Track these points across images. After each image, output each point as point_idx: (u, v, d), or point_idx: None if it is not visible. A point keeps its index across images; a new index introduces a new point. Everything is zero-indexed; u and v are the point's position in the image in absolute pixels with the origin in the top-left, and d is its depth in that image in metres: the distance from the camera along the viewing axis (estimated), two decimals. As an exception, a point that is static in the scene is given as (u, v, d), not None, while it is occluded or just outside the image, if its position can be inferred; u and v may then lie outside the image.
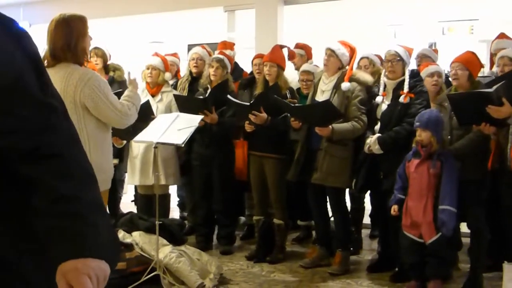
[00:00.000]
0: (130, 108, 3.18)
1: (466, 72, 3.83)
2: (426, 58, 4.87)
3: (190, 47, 6.49)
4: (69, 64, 2.97)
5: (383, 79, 4.20)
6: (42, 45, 3.02)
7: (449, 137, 3.82)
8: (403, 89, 4.00)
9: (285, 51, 4.79)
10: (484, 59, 4.96)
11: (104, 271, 1.09)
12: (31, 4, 8.16)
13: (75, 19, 3.00)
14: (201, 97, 4.72)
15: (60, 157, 1.12)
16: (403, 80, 4.04)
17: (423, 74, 4.17)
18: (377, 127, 4.10)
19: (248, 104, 4.44)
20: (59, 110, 1.18)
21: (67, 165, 1.13)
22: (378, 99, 4.14)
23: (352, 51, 4.33)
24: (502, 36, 4.63)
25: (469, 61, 3.89)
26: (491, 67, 4.57)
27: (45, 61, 2.98)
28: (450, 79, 4.05)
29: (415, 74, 4.13)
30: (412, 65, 4.39)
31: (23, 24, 8.76)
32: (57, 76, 2.94)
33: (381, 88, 4.17)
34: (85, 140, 2.96)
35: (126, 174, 5.37)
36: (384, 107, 4.10)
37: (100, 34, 8.38)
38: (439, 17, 8.49)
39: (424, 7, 7.72)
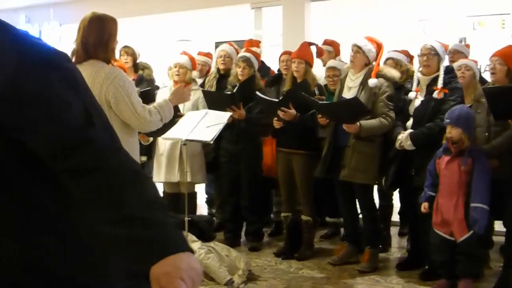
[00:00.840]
0: (153, 115, 3.12)
1: (505, 67, 3.77)
2: (458, 53, 4.79)
3: (217, 44, 6.53)
4: (98, 61, 2.99)
5: (416, 74, 4.14)
6: (71, 44, 3.07)
7: (486, 134, 3.76)
8: (437, 85, 3.95)
9: (313, 49, 4.77)
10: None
11: (196, 270, 1.08)
12: (61, 4, 8.30)
13: (108, 19, 3.04)
14: (229, 93, 4.74)
15: (99, 170, 1.12)
16: (437, 76, 3.98)
17: (454, 65, 4.12)
18: (409, 123, 4.06)
19: (277, 100, 4.45)
20: (95, 120, 1.17)
21: (106, 176, 1.12)
22: (411, 94, 4.09)
23: (379, 47, 4.29)
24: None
25: (509, 56, 3.81)
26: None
27: (74, 57, 3.00)
28: (483, 74, 3.99)
29: (449, 71, 4.07)
30: (445, 61, 4.33)
31: (53, 24, 8.95)
32: (85, 73, 2.95)
33: (415, 84, 4.12)
34: None
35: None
36: (417, 103, 4.04)
37: (128, 33, 8.50)
38: (469, 12, 8.34)
39: (454, 2, 7.60)
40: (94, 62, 2.99)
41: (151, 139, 4.89)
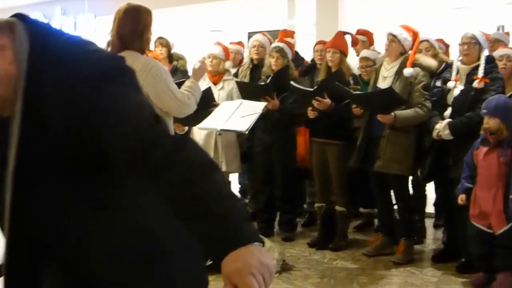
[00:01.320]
0: (189, 98, 3.21)
1: None
2: (498, 42, 4.68)
3: (250, 35, 6.54)
4: (133, 52, 3.02)
5: (456, 63, 4.07)
6: (107, 36, 3.11)
7: None
8: (477, 74, 3.87)
9: (348, 38, 4.73)
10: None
11: (267, 266, 1.07)
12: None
13: (143, 10, 3.07)
14: (263, 83, 4.74)
15: (169, 169, 1.12)
16: (477, 66, 3.91)
17: (495, 55, 4.04)
18: (447, 112, 3.99)
19: (312, 90, 4.43)
20: (152, 123, 1.18)
21: (176, 173, 1.12)
22: (450, 84, 4.01)
23: (415, 35, 4.23)
24: None
25: None
26: None
27: (109, 47, 3.04)
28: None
29: (490, 60, 3.98)
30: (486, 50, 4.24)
31: (88, 16, 9.09)
32: None
33: (454, 73, 4.04)
34: None
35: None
36: (456, 92, 3.97)
37: (162, 24, 8.57)
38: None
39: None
40: (130, 53, 3.02)
41: (186, 128, 4.93)
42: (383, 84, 4.23)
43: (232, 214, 1.11)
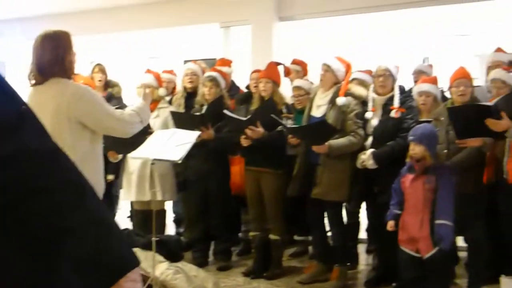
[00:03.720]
0: (132, 116, 3.13)
1: (470, 89, 3.89)
2: (422, 73, 4.91)
3: (186, 62, 6.52)
4: (59, 79, 2.94)
5: (371, 94, 4.23)
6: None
7: (445, 151, 3.84)
8: (393, 104, 4.05)
9: (280, 68, 4.82)
10: (477, 73, 5.01)
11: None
12: (29, 19, 8.20)
13: (60, 34, 2.99)
14: (198, 113, 4.73)
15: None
16: (392, 96, 4.09)
17: (414, 90, 4.22)
18: (368, 142, 4.13)
19: (245, 119, 4.46)
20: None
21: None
22: (368, 114, 4.18)
23: (348, 66, 4.37)
24: (498, 50, 4.67)
25: (470, 77, 3.96)
26: (486, 80, 4.60)
27: (32, 80, 2.97)
28: (449, 94, 4.08)
29: (403, 90, 4.19)
30: (410, 81, 4.44)
31: (20, 38, 8.82)
32: (49, 93, 2.92)
33: (370, 104, 4.21)
34: (78, 157, 2.94)
35: (121, 190, 5.36)
36: (374, 122, 4.13)
37: (100, 49, 8.45)
38: (433, 32, 8.54)
39: (417, 23, 7.79)
40: (56, 80, 2.94)
41: (120, 156, 4.84)
42: (317, 112, 4.31)
43: (111, 239, 1.02)
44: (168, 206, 5.52)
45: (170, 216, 5.89)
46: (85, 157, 2.96)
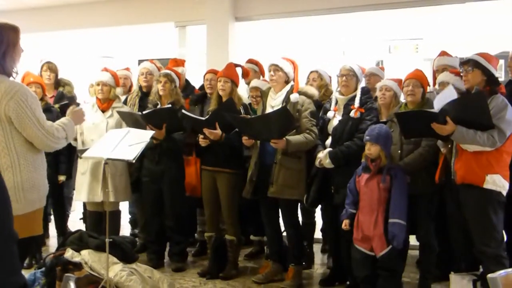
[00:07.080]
0: (59, 131, 2.98)
1: (421, 89, 3.97)
2: (374, 76, 4.99)
3: (140, 62, 6.44)
4: None
5: (334, 94, 4.27)
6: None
7: (399, 151, 3.92)
8: (354, 104, 4.09)
9: (239, 70, 4.81)
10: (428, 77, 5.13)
11: None
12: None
13: (6, 28, 2.81)
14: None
15: None
16: (354, 97, 4.13)
17: (377, 86, 4.28)
18: (328, 141, 4.16)
19: (204, 119, 4.42)
20: None
21: None
22: (330, 114, 4.21)
23: (294, 65, 4.38)
24: (443, 53, 4.80)
25: (423, 78, 4.04)
26: (434, 84, 4.72)
27: None
28: (403, 96, 4.15)
29: (366, 91, 4.23)
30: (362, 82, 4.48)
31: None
32: None
33: (333, 103, 4.25)
34: (14, 156, 2.82)
35: (74, 191, 5.23)
36: (335, 122, 4.17)
37: (50, 47, 8.22)
38: (386, 36, 8.75)
39: (371, 26, 7.95)
40: None
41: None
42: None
43: None
44: (124, 207, 5.43)
45: (126, 217, 5.79)
46: (22, 158, 2.83)
